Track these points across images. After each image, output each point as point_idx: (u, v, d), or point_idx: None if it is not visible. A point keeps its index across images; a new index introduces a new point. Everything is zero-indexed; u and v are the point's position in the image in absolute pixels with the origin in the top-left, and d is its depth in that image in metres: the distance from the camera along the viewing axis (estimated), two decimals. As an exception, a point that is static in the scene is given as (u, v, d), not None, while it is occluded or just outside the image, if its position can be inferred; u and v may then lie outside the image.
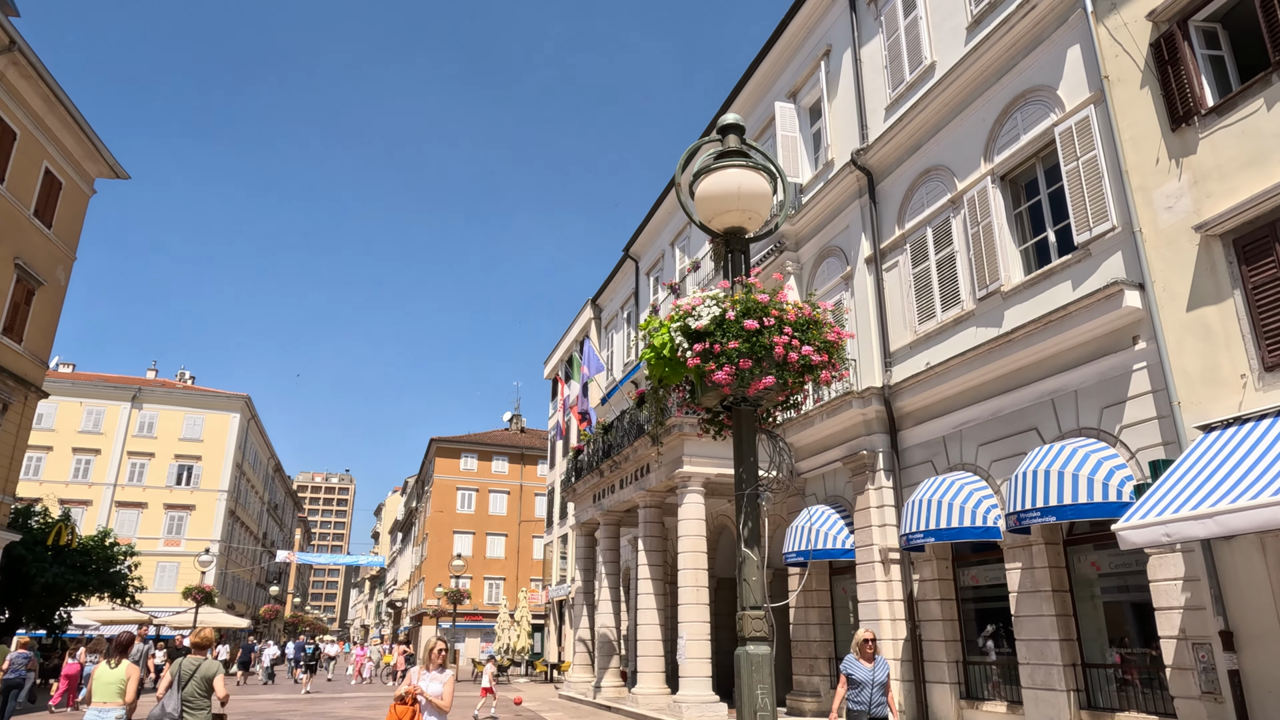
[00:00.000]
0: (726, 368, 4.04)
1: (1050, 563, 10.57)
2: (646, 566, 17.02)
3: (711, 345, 4.08)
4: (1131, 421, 9.49)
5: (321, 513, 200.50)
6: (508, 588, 55.61)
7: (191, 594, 29.50)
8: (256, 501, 67.37)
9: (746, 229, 4.72)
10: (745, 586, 4.08)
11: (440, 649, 7.30)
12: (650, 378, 4.51)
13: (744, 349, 4.04)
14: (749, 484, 4.23)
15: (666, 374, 4.30)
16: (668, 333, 4.26)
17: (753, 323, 4.06)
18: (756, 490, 4.24)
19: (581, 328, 34.84)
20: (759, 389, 4.11)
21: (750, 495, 4.20)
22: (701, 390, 4.34)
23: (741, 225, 4.68)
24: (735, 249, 4.72)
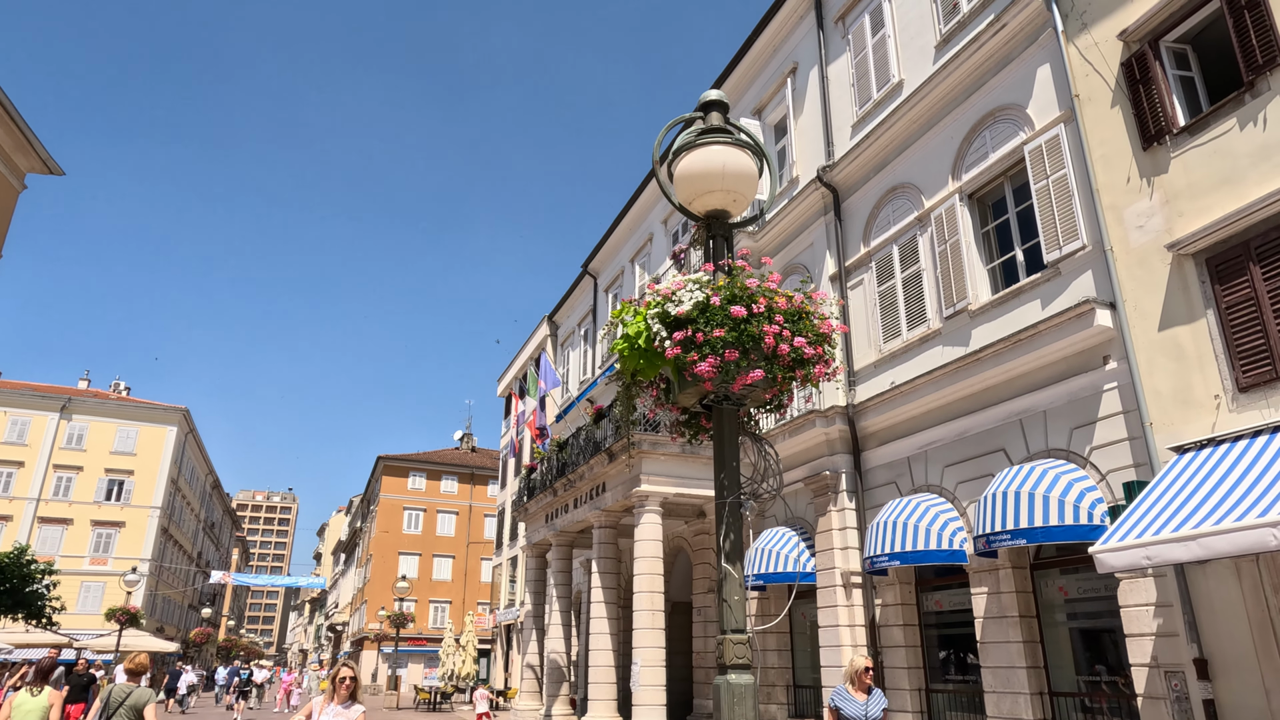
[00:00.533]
0: (710, 359, 3.60)
1: (1017, 587, 10.31)
2: (600, 589, 16.40)
3: (694, 334, 3.63)
4: (1102, 443, 9.31)
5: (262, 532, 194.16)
6: (454, 611, 54.13)
7: (115, 615, 27.81)
8: (192, 519, 64.68)
9: (730, 213, 4.31)
10: (726, 608, 3.60)
11: (348, 677, 5.86)
12: (621, 371, 4.03)
13: (730, 338, 3.61)
14: (731, 491, 3.77)
15: (641, 366, 3.83)
16: (644, 320, 3.80)
17: (740, 309, 3.64)
18: (739, 499, 3.79)
19: (537, 344, 34.22)
20: (745, 384, 3.67)
21: (732, 504, 3.75)
22: (679, 386, 3.88)
23: (725, 208, 4.26)
24: (717, 234, 4.29)
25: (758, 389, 3.81)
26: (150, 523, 50.74)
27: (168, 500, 53.07)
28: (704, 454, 15.26)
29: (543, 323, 34.14)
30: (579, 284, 29.91)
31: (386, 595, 51.80)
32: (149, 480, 51.32)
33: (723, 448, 3.87)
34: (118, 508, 49.99)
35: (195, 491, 64.85)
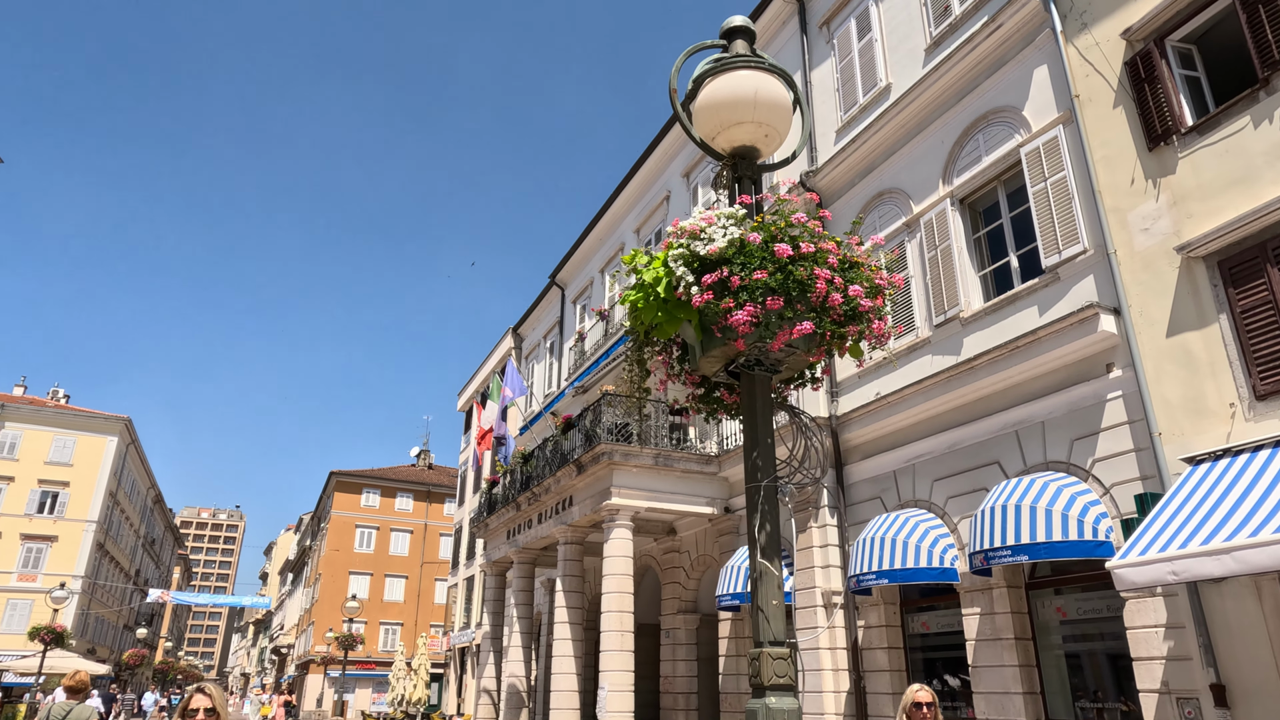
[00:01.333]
0: (748, 307, 2.93)
1: (1012, 608, 9.77)
2: (565, 609, 15.54)
3: (728, 276, 2.97)
4: (1106, 454, 8.85)
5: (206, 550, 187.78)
6: (405, 633, 52.33)
7: (39, 635, 25.96)
8: (131, 535, 61.83)
9: (760, 151, 3.67)
10: (762, 616, 2.91)
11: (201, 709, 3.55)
12: (633, 329, 3.35)
13: (773, 283, 2.94)
14: (766, 474, 3.09)
15: (659, 320, 3.15)
16: (663, 263, 3.13)
17: (785, 248, 2.98)
18: (776, 482, 3.11)
19: (501, 357, 33.31)
20: (788, 341, 3.01)
21: (768, 489, 3.07)
22: (703, 347, 3.21)
23: (755, 144, 3.63)
24: (745, 175, 3.65)
25: (798, 351, 3.16)
26: (85, 537, 48.22)
27: (105, 514, 50.57)
28: (678, 466, 14.59)
29: (507, 335, 33.28)
30: (546, 295, 29.17)
31: (335, 616, 49.84)
32: (85, 492, 48.84)
33: (755, 421, 3.20)
34: (50, 521, 47.43)
35: (135, 506, 62.08)
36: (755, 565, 3.03)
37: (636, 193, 22.45)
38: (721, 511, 14.88)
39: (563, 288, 27.74)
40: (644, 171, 21.74)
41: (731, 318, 2.93)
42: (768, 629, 2.93)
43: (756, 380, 3.26)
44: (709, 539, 15.83)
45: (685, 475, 14.69)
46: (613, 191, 23.44)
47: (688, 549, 16.66)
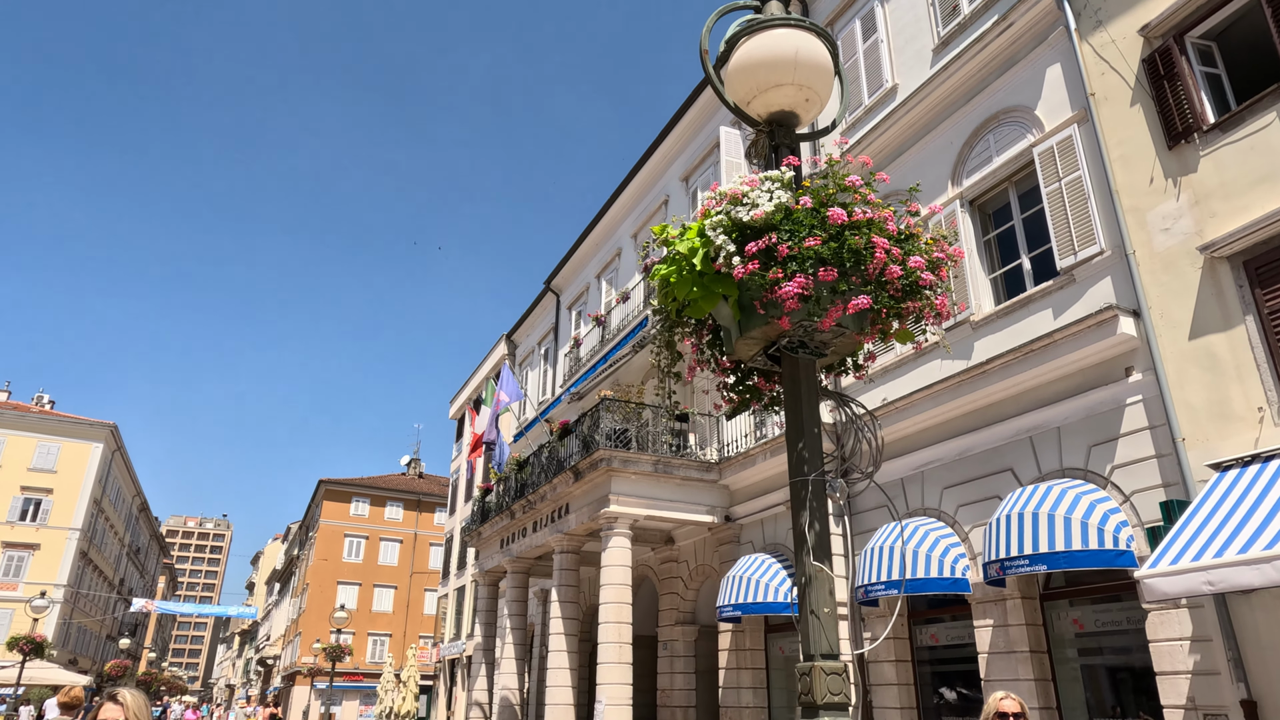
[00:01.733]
0: (799, 278, 2.61)
1: (1027, 620, 9.46)
2: (560, 620, 15.14)
3: (775, 244, 2.65)
4: (1126, 461, 8.57)
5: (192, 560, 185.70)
6: (394, 644, 51.63)
7: (18, 645, 25.30)
8: (115, 544, 60.92)
9: (800, 117, 3.36)
10: (814, 624, 2.59)
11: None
12: (662, 308, 3.03)
13: (826, 252, 2.63)
14: (813, 466, 2.78)
15: (694, 296, 2.83)
16: (699, 233, 2.81)
17: (840, 212, 2.66)
18: (823, 476, 2.79)
19: (494, 364, 32.92)
20: (843, 315, 2.70)
21: (816, 483, 2.75)
22: (741, 327, 2.90)
23: (794, 109, 3.32)
24: (783, 144, 3.34)
25: (847, 331, 2.85)
26: (68, 545, 47.39)
27: (89, 522, 49.75)
28: (678, 474, 14.25)
29: (500, 342, 32.91)
30: (540, 301, 28.85)
31: (323, 627, 49.11)
32: (69, 500, 48.03)
33: (799, 409, 2.89)
34: (33, 528, 46.59)
35: (120, 514, 61.19)
36: (804, 568, 2.71)
37: (634, 197, 22.19)
38: (722, 520, 14.54)
39: (558, 294, 27.43)
40: (642, 176, 21.48)
41: (779, 290, 2.62)
42: (820, 639, 2.60)
43: (800, 364, 2.96)
44: (708, 548, 15.48)
45: (685, 483, 14.35)
46: (609, 196, 23.18)
47: (686, 559, 16.30)
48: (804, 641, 2.65)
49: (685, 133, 19.55)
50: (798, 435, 2.87)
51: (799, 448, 2.84)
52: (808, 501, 2.77)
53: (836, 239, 2.67)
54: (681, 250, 2.84)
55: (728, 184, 2.91)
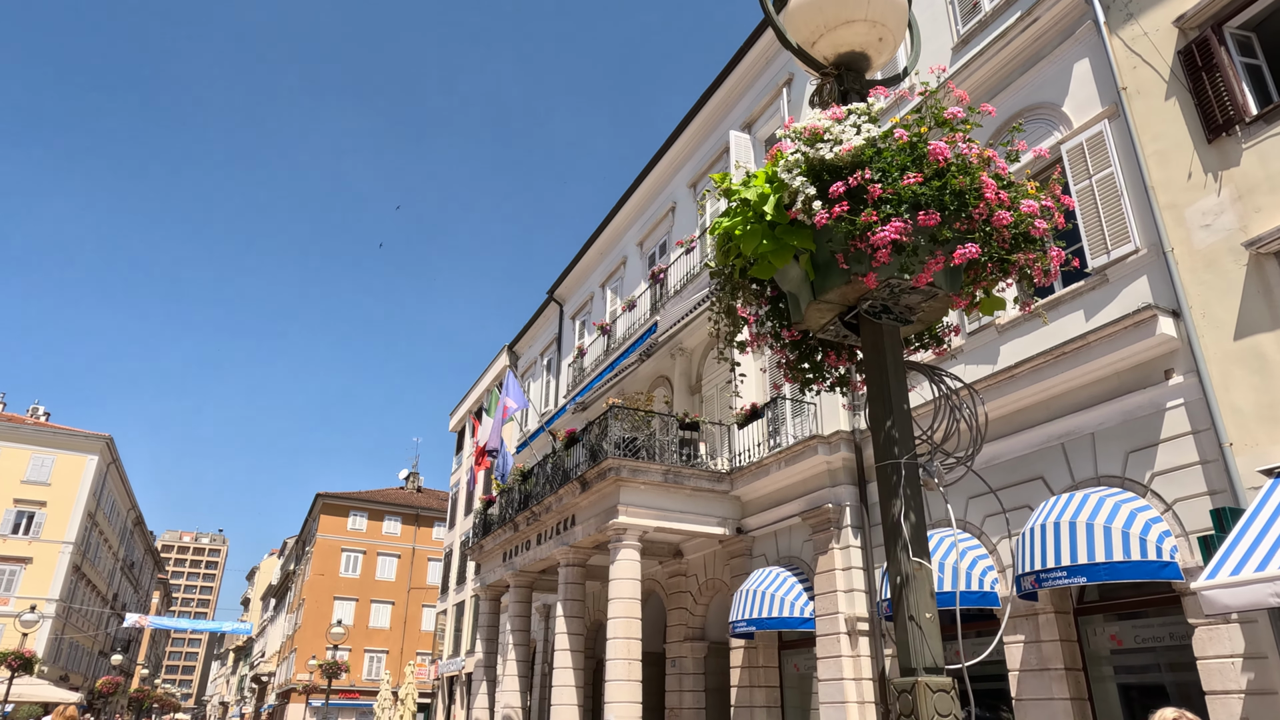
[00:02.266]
0: (895, 222, 2.22)
1: (1061, 635, 9.01)
2: (566, 635, 14.64)
3: (867, 183, 2.27)
4: (1167, 467, 8.16)
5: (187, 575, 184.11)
6: (391, 661, 50.87)
7: (7, 660, 24.68)
8: (109, 558, 60.14)
9: (871, 60, 2.99)
10: (913, 630, 2.18)
11: None
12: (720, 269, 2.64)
13: (928, 193, 2.24)
14: (904, 448, 2.38)
15: (763, 249, 2.43)
16: (770, 177, 2.42)
17: (943, 147, 2.28)
18: (915, 459, 2.39)
19: (495, 376, 32.52)
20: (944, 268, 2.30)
21: (909, 468, 2.35)
22: (816, 287, 2.50)
23: (865, 51, 2.96)
24: (852, 90, 2.96)
25: (939, 292, 2.46)
26: (61, 559, 46.68)
27: (83, 535, 49.05)
28: (688, 484, 13.81)
29: (502, 353, 32.51)
30: (543, 311, 28.48)
31: (319, 643, 48.36)
32: (62, 513, 47.35)
33: (885, 383, 2.50)
34: (25, 542, 45.90)
35: (115, 528, 60.48)
36: (899, 566, 2.31)
37: (640, 205, 21.87)
38: (733, 532, 14.09)
39: (561, 304, 27.06)
40: (648, 183, 21.18)
41: (873, 237, 2.23)
42: (923, 650, 2.20)
43: (885, 332, 2.57)
44: (718, 562, 15.01)
45: (695, 494, 13.91)
46: (614, 205, 22.87)
47: (695, 572, 15.82)
48: (902, 652, 2.25)
49: (693, 138, 19.26)
50: (885, 412, 2.48)
51: (888, 426, 2.46)
52: (900, 489, 2.37)
53: (939, 177, 2.30)
54: (749, 197, 2.46)
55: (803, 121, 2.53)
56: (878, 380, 2.56)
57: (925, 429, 2.72)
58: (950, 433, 2.78)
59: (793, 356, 2.92)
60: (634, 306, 20.16)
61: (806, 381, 2.97)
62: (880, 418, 2.51)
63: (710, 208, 17.64)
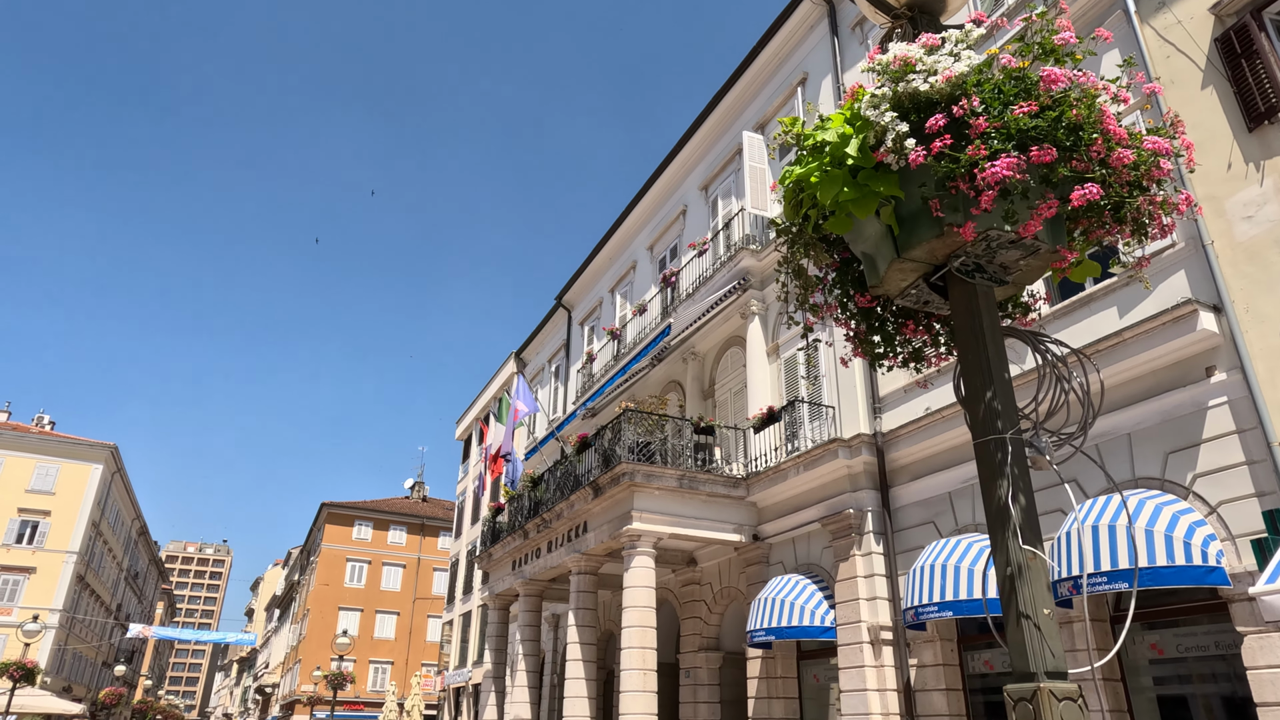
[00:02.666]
0: (1006, 158, 1.94)
1: (1097, 644, 8.65)
2: (578, 645, 14.29)
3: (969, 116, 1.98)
4: (1210, 468, 7.83)
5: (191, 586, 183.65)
6: (396, 672, 50.40)
7: (8, 671, 24.37)
8: (113, 568, 59.88)
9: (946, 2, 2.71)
10: (1028, 629, 1.88)
11: None
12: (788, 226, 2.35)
13: (1041, 124, 1.96)
14: (1008, 422, 2.08)
15: (845, 198, 2.15)
16: (851, 117, 2.14)
17: (1057, 72, 2.00)
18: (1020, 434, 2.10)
19: (502, 383, 32.25)
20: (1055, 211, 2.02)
21: (1016, 443, 2.05)
22: (899, 244, 2.21)
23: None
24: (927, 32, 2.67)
25: (1041, 247, 2.17)
26: (65, 569, 46.41)
27: (87, 545, 48.80)
28: (703, 489, 13.49)
29: (509, 360, 32.26)
30: (551, 317, 28.24)
31: (323, 654, 47.96)
32: (67, 522, 47.12)
33: (982, 349, 2.21)
34: (28, 551, 45.65)
35: (119, 538, 60.23)
36: (1007, 555, 2.02)
37: (650, 209, 21.65)
38: (749, 539, 13.75)
39: (569, 310, 26.82)
40: (658, 186, 20.95)
41: (986, 170, 1.94)
42: (1042, 651, 1.91)
43: (979, 293, 2.29)
44: (734, 569, 14.67)
45: (711, 499, 13.59)
46: (623, 209, 22.64)
47: (709, 581, 15.48)
48: (1017, 655, 1.95)
49: (704, 140, 19.03)
50: (985, 383, 2.20)
51: (988, 398, 2.16)
52: (1006, 467, 2.08)
53: (1055, 104, 2.01)
54: (827, 139, 2.18)
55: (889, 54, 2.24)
56: (973, 347, 2.27)
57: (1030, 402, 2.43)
58: (1057, 406, 2.49)
59: (862, 327, 2.63)
60: (644, 311, 19.89)
61: (876, 356, 2.68)
62: (979, 389, 2.22)
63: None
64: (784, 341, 14.78)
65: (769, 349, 15.06)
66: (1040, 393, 2.50)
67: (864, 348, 2.67)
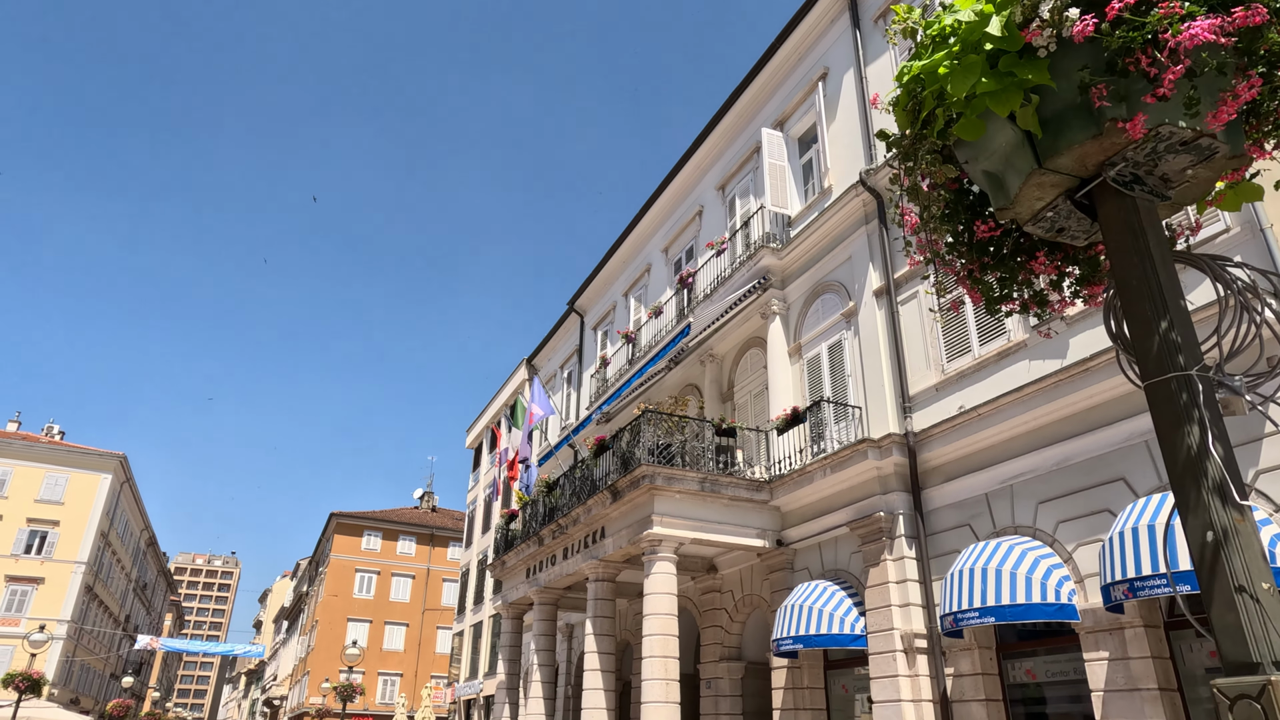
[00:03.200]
0: (1207, 18, 1.55)
1: (1152, 652, 8.20)
2: (595, 655, 13.85)
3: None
4: (1272, 465, 7.39)
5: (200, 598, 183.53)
6: (405, 684, 49.88)
7: (14, 682, 24.02)
8: (122, 578, 59.67)
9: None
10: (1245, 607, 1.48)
11: None
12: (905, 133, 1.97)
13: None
14: (1190, 357, 1.71)
15: (985, 90, 1.77)
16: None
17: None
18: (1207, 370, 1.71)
19: (514, 390, 31.92)
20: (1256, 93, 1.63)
21: (1204, 379, 1.66)
22: (1041, 151, 1.83)
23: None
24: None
25: (1218, 153, 1.79)
26: (74, 579, 46.19)
27: (95, 555, 48.60)
28: (725, 493, 13.07)
29: (520, 366, 31.94)
30: (563, 323, 27.92)
31: (332, 666, 47.52)
32: (75, 532, 46.93)
33: (1151, 272, 1.85)
34: (37, 562, 45.46)
35: (128, 548, 60.05)
36: (1207, 517, 1.63)
37: (665, 210, 21.33)
38: (773, 545, 13.31)
39: (582, 315, 26.49)
40: (673, 187, 20.64)
41: (1183, 33, 1.57)
42: (1265, 636, 1.51)
43: (1140, 209, 1.91)
44: (756, 576, 14.23)
45: (733, 503, 13.17)
46: (637, 212, 22.33)
47: (731, 588, 15.03)
48: (1230, 641, 1.56)
49: (721, 139, 18.71)
50: (1156, 311, 1.82)
51: (1162, 329, 1.79)
52: (1193, 411, 1.70)
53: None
54: (962, 19, 1.81)
55: None
56: (1138, 272, 1.89)
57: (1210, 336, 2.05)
58: (1242, 344, 2.10)
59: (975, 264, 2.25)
60: (660, 314, 19.53)
61: (993, 301, 2.30)
62: (1148, 320, 1.84)
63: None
64: (806, 341, 14.39)
65: (791, 349, 14.67)
66: (1223, 326, 2.12)
67: (979, 289, 2.29)
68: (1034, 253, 2.20)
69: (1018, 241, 2.20)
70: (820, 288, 14.37)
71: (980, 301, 2.33)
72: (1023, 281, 2.28)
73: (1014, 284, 2.29)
